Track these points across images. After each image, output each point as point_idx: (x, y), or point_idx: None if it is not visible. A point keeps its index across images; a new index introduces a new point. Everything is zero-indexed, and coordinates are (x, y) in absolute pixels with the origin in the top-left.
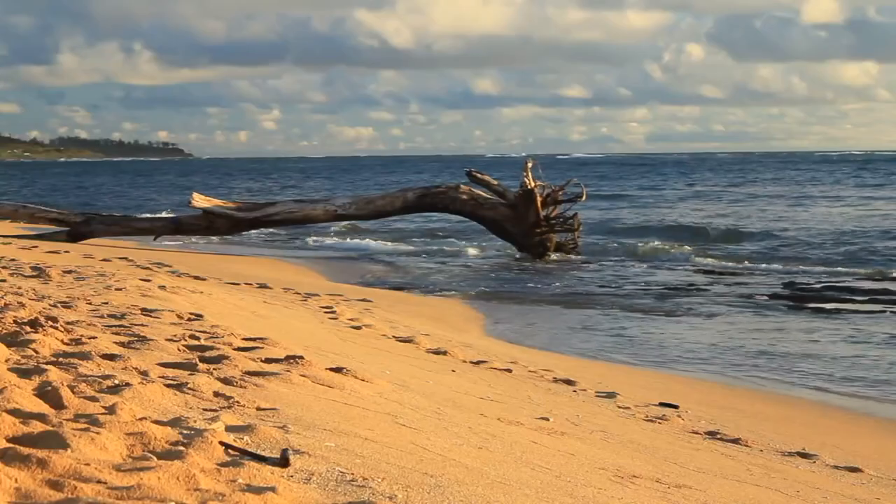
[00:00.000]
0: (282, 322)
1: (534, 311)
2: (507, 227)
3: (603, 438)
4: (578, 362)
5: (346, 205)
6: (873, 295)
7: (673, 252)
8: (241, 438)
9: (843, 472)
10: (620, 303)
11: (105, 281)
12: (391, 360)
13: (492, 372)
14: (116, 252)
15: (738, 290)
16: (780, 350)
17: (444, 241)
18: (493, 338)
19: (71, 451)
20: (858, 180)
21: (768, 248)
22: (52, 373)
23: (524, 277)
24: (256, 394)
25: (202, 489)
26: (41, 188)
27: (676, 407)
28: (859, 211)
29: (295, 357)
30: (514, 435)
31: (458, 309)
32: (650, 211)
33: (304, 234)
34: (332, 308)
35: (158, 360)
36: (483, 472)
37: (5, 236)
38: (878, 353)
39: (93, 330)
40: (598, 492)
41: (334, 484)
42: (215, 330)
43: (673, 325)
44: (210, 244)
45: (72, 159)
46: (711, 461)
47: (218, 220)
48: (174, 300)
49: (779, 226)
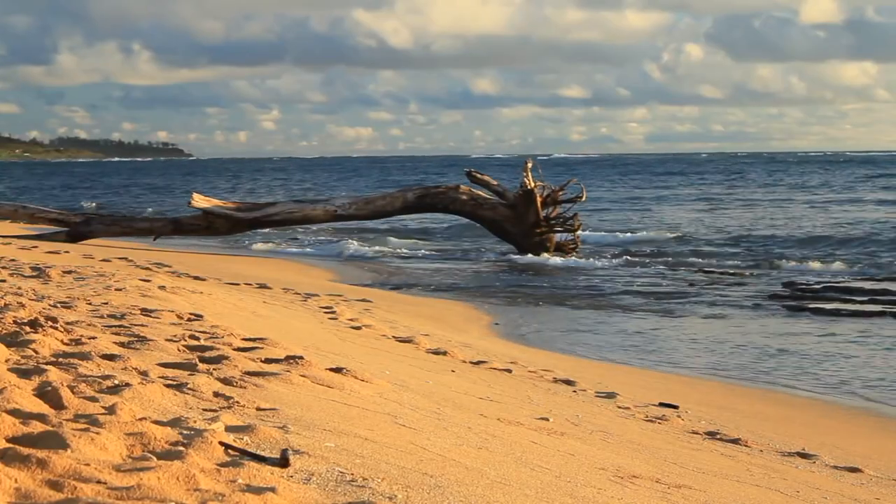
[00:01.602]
0: (282, 322)
1: (534, 312)
2: (507, 227)
3: (603, 439)
4: (578, 362)
5: (346, 205)
6: (873, 295)
7: (674, 253)
8: (241, 438)
9: (843, 472)
10: (620, 303)
11: (105, 281)
12: (391, 361)
13: (491, 372)
14: (116, 252)
15: (738, 290)
16: (780, 350)
17: (443, 242)
18: (493, 338)
19: (71, 452)
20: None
21: (768, 248)
22: (52, 373)
23: (524, 278)
24: (256, 394)
25: (202, 489)
26: (41, 188)
27: (676, 407)
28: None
29: (295, 357)
30: (514, 435)
31: (457, 309)
32: (650, 210)
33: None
34: (332, 308)
35: (158, 361)
36: (483, 473)
37: (5, 236)
38: (878, 354)
39: (93, 330)
40: (598, 492)
41: (334, 484)
42: (215, 330)
43: (673, 326)
44: (211, 244)
45: (72, 159)
46: (711, 461)
47: (217, 221)
48: (174, 300)
49: (777, 226)
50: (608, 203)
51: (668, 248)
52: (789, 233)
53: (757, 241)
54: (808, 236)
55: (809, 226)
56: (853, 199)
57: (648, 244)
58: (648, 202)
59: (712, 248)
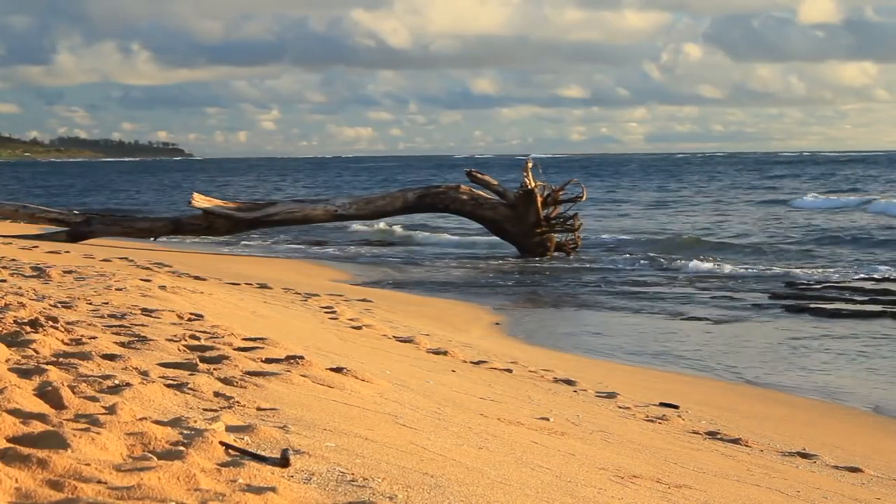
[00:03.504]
0: (282, 322)
1: (534, 312)
2: (507, 227)
3: (603, 438)
4: (578, 362)
5: (347, 205)
6: (873, 295)
7: (673, 253)
8: (242, 438)
9: (844, 472)
10: (620, 303)
11: (105, 281)
12: (391, 361)
13: (492, 372)
14: (117, 252)
15: (738, 290)
16: (780, 350)
17: (444, 242)
18: (494, 338)
19: (71, 451)
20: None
21: (767, 248)
22: (53, 373)
23: (524, 278)
24: (257, 394)
25: (202, 489)
26: (42, 188)
27: (677, 407)
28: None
29: (295, 357)
30: (515, 435)
31: (458, 309)
32: (650, 211)
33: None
34: (333, 308)
35: (159, 360)
36: (483, 472)
37: (5, 236)
38: (879, 354)
39: (93, 330)
40: (599, 492)
41: (334, 484)
42: (215, 330)
43: (673, 326)
44: (210, 245)
45: (73, 159)
46: (712, 461)
47: (218, 221)
48: (174, 300)
49: (775, 226)
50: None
51: (668, 249)
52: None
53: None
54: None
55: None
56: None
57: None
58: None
59: (713, 248)
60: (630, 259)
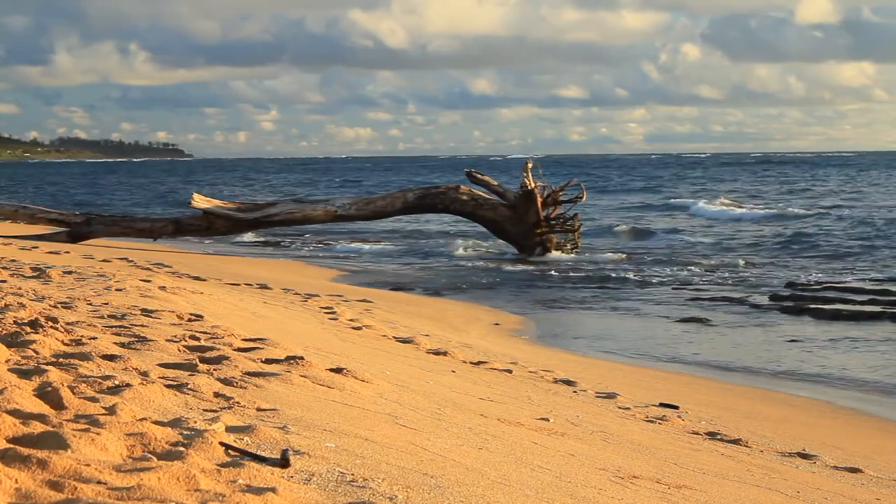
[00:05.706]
0: (282, 322)
1: (534, 312)
2: (507, 227)
3: (603, 439)
4: (578, 363)
5: (346, 205)
6: (873, 295)
7: (673, 253)
8: (242, 439)
9: (844, 473)
10: (620, 303)
11: (105, 281)
12: (391, 361)
13: (492, 372)
14: (116, 252)
15: (738, 290)
16: (780, 351)
17: (443, 242)
18: (493, 338)
19: (71, 452)
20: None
21: (767, 249)
22: (53, 373)
23: (524, 278)
24: (256, 394)
25: (202, 490)
26: (41, 189)
27: (677, 407)
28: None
29: (295, 358)
30: (515, 435)
31: (458, 309)
32: (651, 212)
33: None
34: (332, 308)
35: (159, 361)
36: (483, 473)
37: (6, 236)
38: (878, 354)
39: (93, 330)
40: (599, 492)
41: (334, 484)
42: (215, 330)
43: (673, 326)
44: (210, 245)
45: (73, 160)
46: (712, 462)
47: (218, 221)
48: (174, 301)
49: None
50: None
51: (665, 248)
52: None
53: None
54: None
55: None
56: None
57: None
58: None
59: (711, 249)
60: (630, 261)
